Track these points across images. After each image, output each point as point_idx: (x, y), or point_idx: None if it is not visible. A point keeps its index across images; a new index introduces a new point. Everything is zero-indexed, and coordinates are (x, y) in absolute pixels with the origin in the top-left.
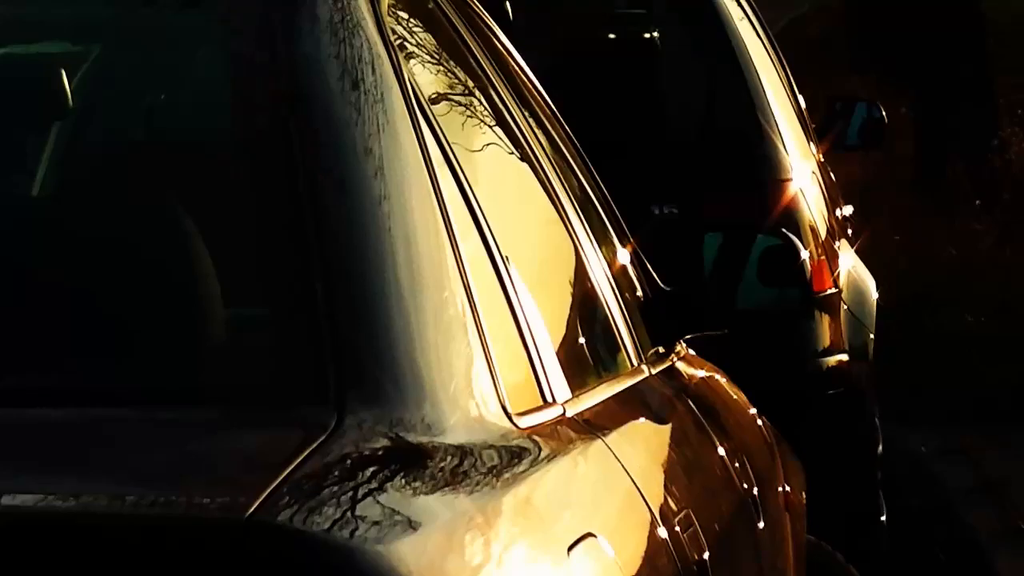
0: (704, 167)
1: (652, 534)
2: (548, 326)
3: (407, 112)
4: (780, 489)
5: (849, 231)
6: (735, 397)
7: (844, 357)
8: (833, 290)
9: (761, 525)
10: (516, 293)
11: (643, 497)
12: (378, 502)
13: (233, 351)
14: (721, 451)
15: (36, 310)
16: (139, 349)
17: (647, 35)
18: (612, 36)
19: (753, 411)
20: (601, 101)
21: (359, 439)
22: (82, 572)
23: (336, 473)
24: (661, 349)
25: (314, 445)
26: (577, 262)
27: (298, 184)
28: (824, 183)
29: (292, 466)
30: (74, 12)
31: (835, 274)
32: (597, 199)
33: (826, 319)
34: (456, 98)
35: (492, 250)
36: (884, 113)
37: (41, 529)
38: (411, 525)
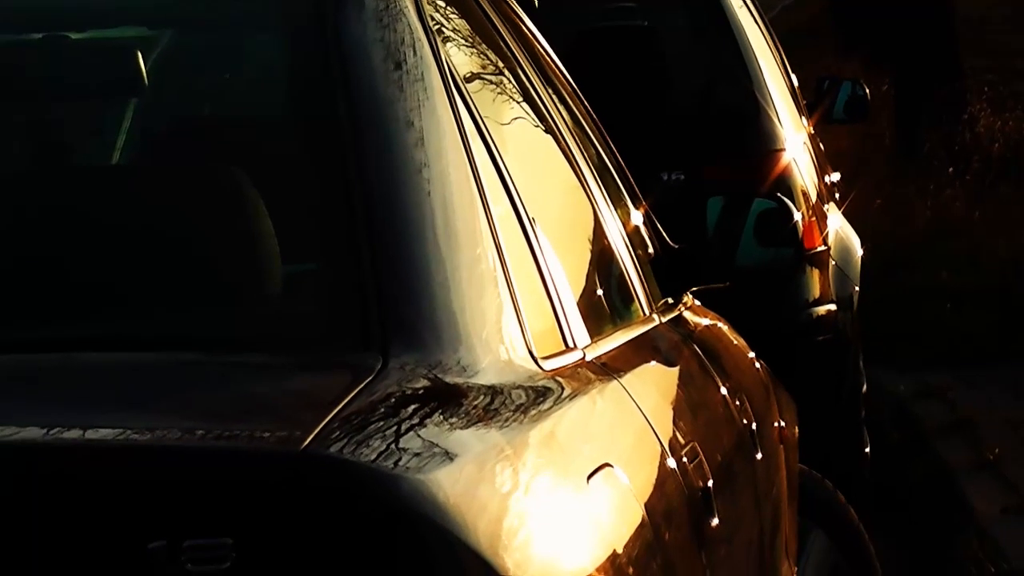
0: (707, 138)
1: (662, 464)
2: (569, 279)
3: (444, 89)
4: (775, 424)
5: (836, 195)
6: (735, 342)
7: (832, 307)
8: (822, 248)
9: (759, 456)
10: (541, 250)
11: (654, 431)
12: (419, 436)
13: (289, 302)
14: (723, 390)
15: (116, 266)
16: (206, 300)
17: (652, 23)
18: (626, 24)
19: (751, 355)
20: (616, 80)
21: (401, 380)
22: (156, 498)
23: (381, 410)
24: (670, 300)
25: (361, 385)
26: (595, 222)
27: (346, 154)
28: (814, 152)
29: (342, 404)
30: (149, 0)
31: (824, 233)
32: (612, 166)
33: (816, 273)
34: (488, 77)
35: (519, 211)
36: (867, 91)
37: (121, 459)
38: (448, 456)
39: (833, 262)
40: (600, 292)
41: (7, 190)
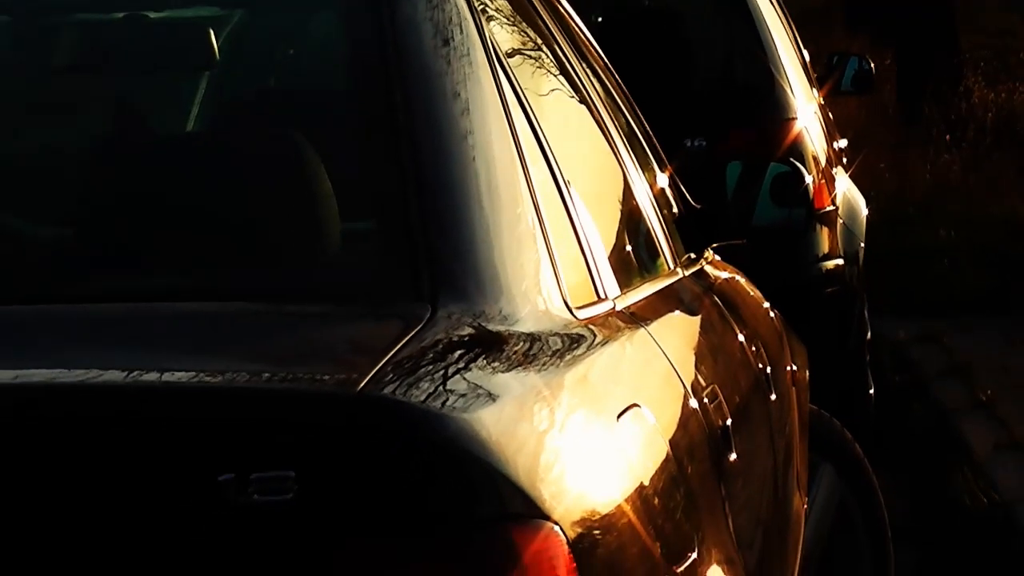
0: (727, 108)
1: (685, 404)
2: (601, 236)
3: (487, 64)
4: (788, 368)
5: (844, 160)
6: (752, 294)
7: (840, 262)
8: (831, 208)
9: (773, 397)
10: (575, 209)
11: (678, 374)
12: (464, 378)
13: (346, 257)
14: (740, 337)
15: (190, 223)
16: (271, 255)
17: (678, 6)
18: (653, 6)
19: (766, 305)
20: (645, 56)
21: (449, 328)
22: (225, 434)
23: (430, 355)
24: (692, 255)
25: (412, 333)
26: (624, 184)
27: (399, 122)
28: (824, 121)
29: (394, 350)
30: None
31: (833, 195)
32: (641, 134)
33: (825, 231)
34: (527, 52)
35: (556, 174)
36: (872, 65)
37: (194, 399)
38: (490, 397)
39: (841, 221)
40: (629, 248)
41: (93, 156)
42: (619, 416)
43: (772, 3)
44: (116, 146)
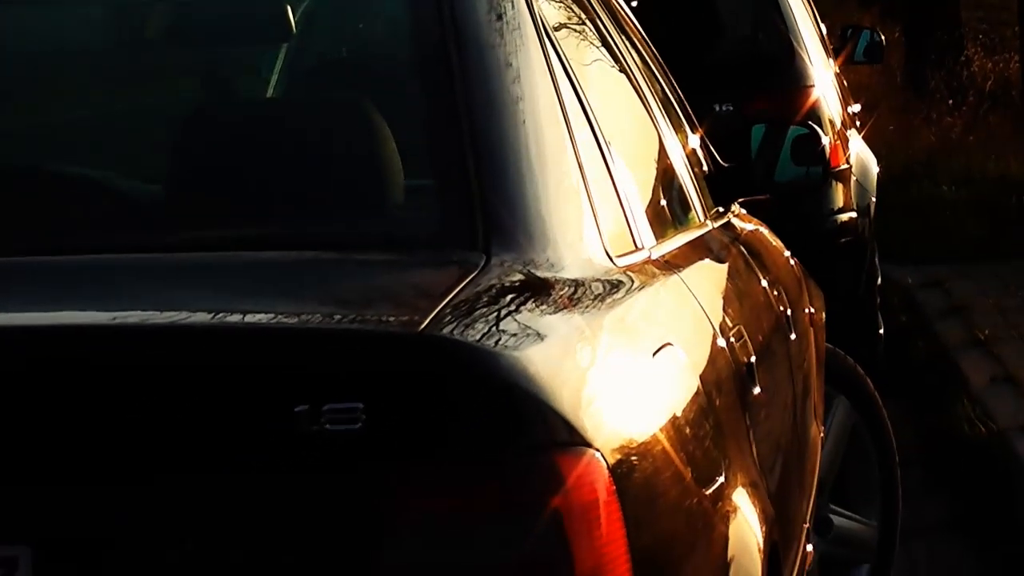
0: (752, 76)
1: (714, 343)
2: (639, 191)
3: (536, 36)
4: (806, 310)
5: (857, 123)
6: (774, 243)
7: (853, 215)
8: (845, 166)
9: (792, 336)
10: (615, 167)
11: (707, 316)
12: (515, 320)
13: (409, 210)
14: (764, 283)
15: (270, 180)
16: (340, 208)
17: None
18: None
19: (787, 253)
20: (678, 29)
21: (501, 274)
22: (301, 370)
23: (484, 299)
24: (720, 209)
25: (468, 279)
26: (659, 144)
27: (456, 89)
28: (839, 88)
29: (452, 294)
30: None
31: (847, 154)
32: (674, 98)
33: (840, 187)
34: (572, 26)
35: (598, 136)
36: (883, 37)
37: (273, 339)
38: (538, 336)
39: (854, 178)
40: (663, 202)
41: (183, 119)
42: (654, 354)
43: None
44: (203, 110)
